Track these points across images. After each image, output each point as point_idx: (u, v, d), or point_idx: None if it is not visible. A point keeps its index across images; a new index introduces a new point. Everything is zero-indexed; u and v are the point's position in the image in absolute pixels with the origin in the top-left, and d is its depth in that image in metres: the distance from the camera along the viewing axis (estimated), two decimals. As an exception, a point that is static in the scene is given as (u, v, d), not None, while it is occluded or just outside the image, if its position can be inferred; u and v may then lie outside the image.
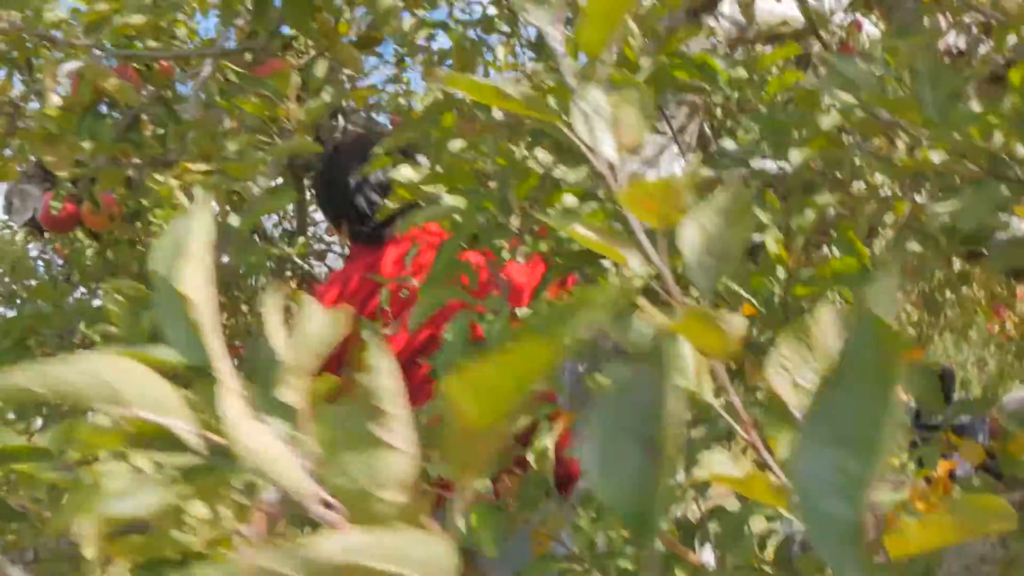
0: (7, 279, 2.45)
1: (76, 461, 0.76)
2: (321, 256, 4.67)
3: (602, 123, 0.72)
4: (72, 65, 1.44)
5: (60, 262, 3.72)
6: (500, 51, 2.97)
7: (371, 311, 2.33)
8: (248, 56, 1.73)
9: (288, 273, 4.41)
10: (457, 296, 1.30)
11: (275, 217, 3.77)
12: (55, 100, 1.34)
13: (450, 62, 3.41)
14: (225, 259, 1.26)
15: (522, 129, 1.24)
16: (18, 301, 2.45)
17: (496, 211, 1.23)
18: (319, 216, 3.11)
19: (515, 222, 1.22)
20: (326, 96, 1.31)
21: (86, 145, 1.56)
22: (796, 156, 1.32)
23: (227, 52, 1.68)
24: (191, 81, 2.02)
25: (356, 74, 2.41)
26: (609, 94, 0.74)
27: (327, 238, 4.15)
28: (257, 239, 3.36)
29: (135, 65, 1.85)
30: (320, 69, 1.47)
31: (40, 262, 3.80)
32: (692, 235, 0.69)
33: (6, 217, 2.82)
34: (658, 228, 0.69)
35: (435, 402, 1.99)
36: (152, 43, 1.89)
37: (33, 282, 2.41)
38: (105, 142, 1.59)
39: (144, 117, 1.86)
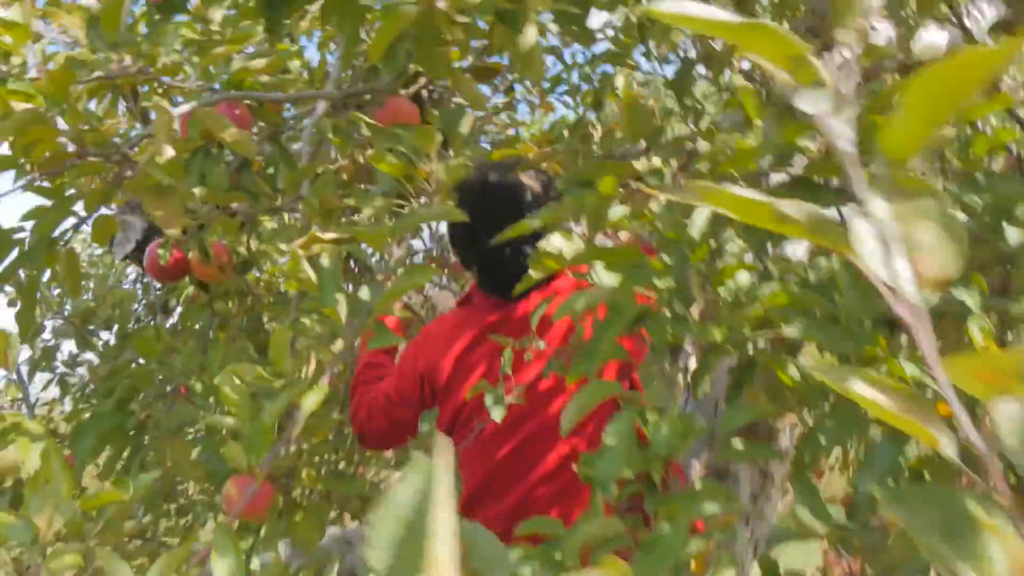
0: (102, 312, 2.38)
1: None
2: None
3: (898, 247, 0.55)
4: (184, 108, 1.32)
5: (159, 287, 3.68)
6: (620, 80, 2.82)
7: (486, 372, 2.19)
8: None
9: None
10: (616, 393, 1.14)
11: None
12: (168, 151, 1.22)
13: (562, 87, 3.27)
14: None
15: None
16: (108, 340, 2.37)
17: (668, 297, 1.06)
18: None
19: (696, 311, 1.05)
20: (466, 153, 1.16)
21: (196, 192, 1.44)
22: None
23: (349, 94, 1.55)
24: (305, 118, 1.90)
25: (477, 110, 2.27)
26: (895, 203, 0.56)
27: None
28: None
29: (247, 102, 1.74)
30: (466, 124, 1.32)
31: (139, 285, 3.77)
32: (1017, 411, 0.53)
33: (112, 253, 2.76)
34: (982, 399, 0.53)
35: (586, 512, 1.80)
36: (264, 78, 1.78)
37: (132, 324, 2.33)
38: (216, 188, 1.47)
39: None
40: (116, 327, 2.22)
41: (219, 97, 1.48)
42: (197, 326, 1.90)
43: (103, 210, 3.02)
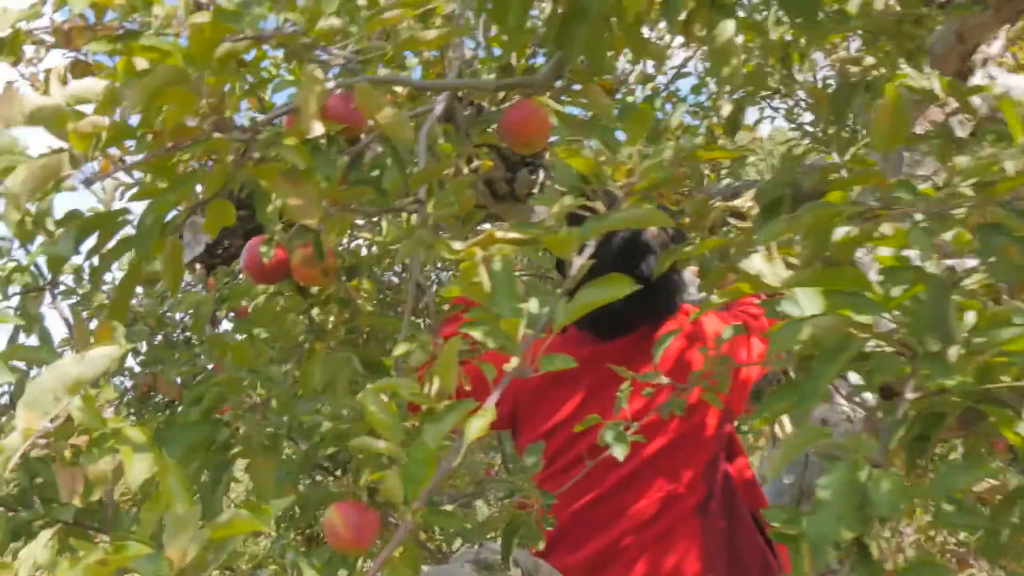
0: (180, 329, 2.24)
1: None
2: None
3: None
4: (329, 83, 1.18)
5: (204, 291, 3.53)
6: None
7: (578, 408, 2.05)
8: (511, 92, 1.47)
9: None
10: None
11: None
12: (317, 128, 1.08)
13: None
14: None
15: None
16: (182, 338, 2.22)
17: (912, 331, 0.91)
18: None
19: (954, 354, 0.89)
20: (668, 151, 1.01)
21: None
22: None
23: (503, 85, 1.41)
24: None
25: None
26: None
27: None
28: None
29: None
30: (677, 115, 1.17)
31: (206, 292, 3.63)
32: None
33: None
34: None
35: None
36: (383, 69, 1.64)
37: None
38: (335, 181, 1.33)
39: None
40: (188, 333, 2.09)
41: (381, 78, 1.34)
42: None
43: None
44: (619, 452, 1.54)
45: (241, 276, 2.57)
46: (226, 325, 3.11)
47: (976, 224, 0.92)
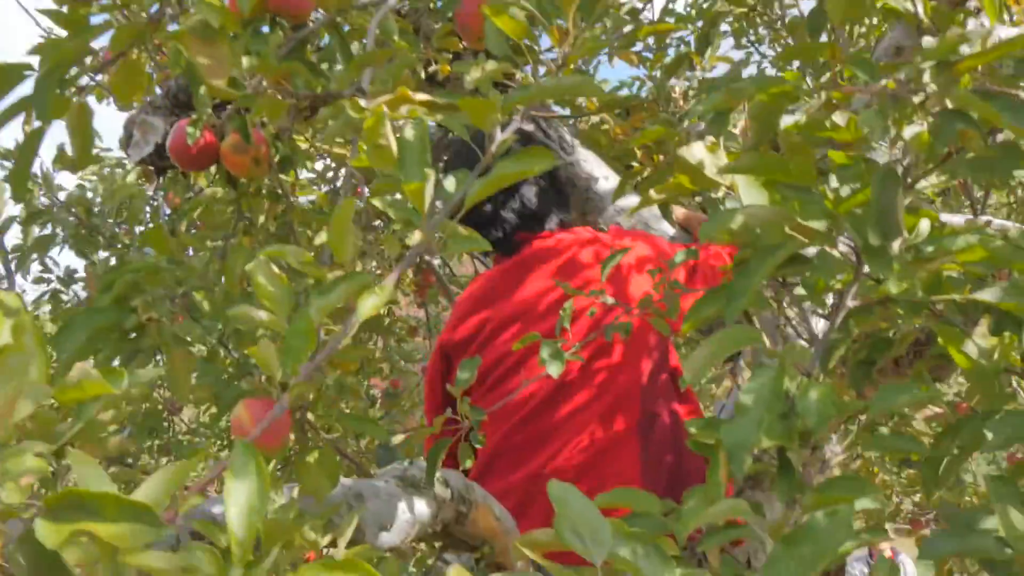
0: (112, 220, 2.12)
1: None
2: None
3: None
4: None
5: (168, 212, 3.41)
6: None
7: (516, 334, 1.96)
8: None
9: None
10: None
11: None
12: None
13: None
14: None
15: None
16: (129, 250, 2.12)
17: (856, 226, 0.82)
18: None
19: (895, 250, 0.80)
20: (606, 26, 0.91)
21: (245, 62, 1.20)
22: None
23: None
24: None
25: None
26: None
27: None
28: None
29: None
30: None
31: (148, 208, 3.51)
32: None
33: (123, 154, 2.52)
34: None
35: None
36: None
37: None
38: (269, 59, 1.23)
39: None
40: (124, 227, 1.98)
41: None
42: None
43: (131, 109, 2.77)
44: (554, 370, 1.46)
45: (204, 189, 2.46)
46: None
47: (936, 109, 0.83)
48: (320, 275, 0.87)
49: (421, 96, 0.89)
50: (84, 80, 1.21)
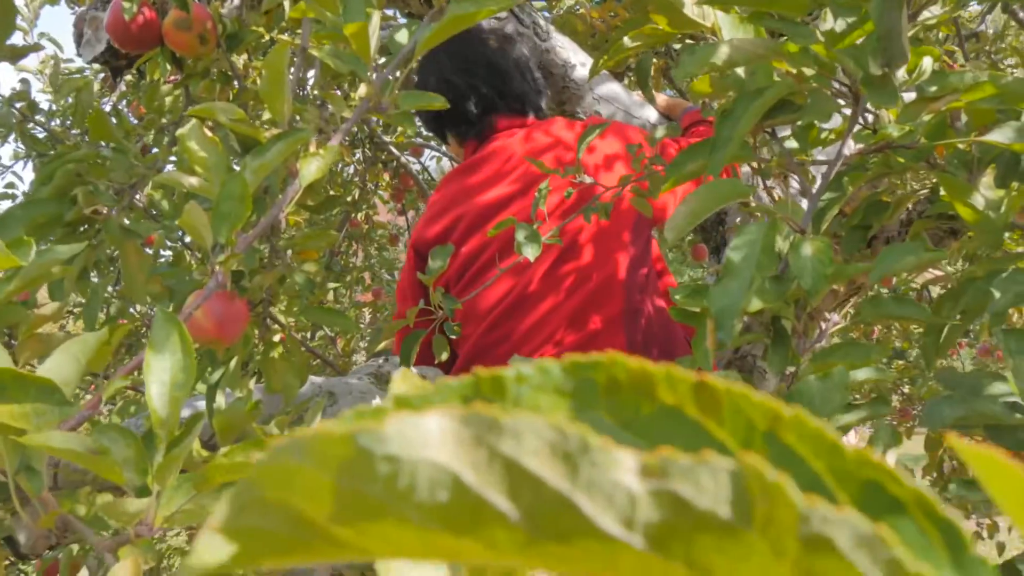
0: (68, 122, 1.99)
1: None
2: (417, 152, 4.20)
3: None
4: None
5: (135, 121, 3.28)
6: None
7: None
8: None
9: (381, 164, 3.96)
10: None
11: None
12: None
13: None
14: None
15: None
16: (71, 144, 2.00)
17: (855, 57, 0.72)
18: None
19: (902, 78, 0.71)
20: None
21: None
22: None
23: None
24: None
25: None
26: None
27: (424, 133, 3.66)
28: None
29: None
30: None
31: (113, 120, 3.37)
32: None
33: (78, 55, 2.39)
34: None
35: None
36: None
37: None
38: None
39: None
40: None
41: None
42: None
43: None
44: (531, 252, 1.37)
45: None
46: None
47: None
48: (255, 133, 0.77)
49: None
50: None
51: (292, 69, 1.25)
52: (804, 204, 0.88)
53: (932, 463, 2.90)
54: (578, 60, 2.36)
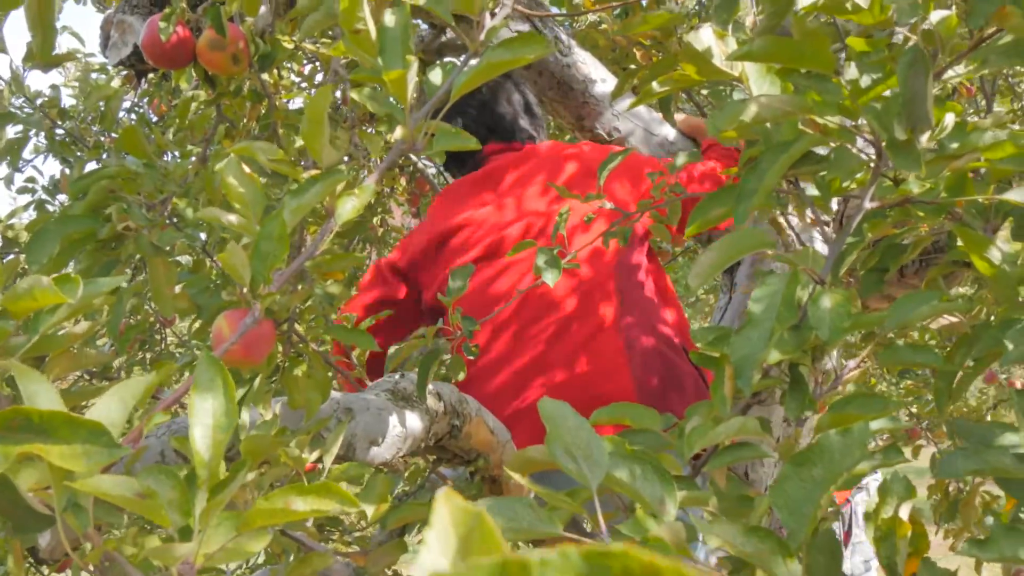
0: (94, 127, 2.03)
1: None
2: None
3: None
4: None
5: (155, 118, 3.30)
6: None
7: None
8: None
9: (398, 169, 3.99)
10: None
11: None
12: None
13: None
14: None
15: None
16: (104, 156, 2.02)
17: (879, 119, 0.74)
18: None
19: (926, 142, 0.73)
20: None
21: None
22: None
23: None
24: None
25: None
26: None
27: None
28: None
29: None
30: None
31: (132, 116, 3.39)
32: None
33: (104, 57, 2.41)
34: None
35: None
36: None
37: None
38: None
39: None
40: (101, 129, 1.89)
41: None
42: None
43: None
44: (551, 278, 1.40)
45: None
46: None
47: (968, -14, 0.75)
48: (294, 174, 0.79)
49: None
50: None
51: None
52: (824, 251, 0.90)
53: (939, 484, 2.91)
54: (599, 76, 2.38)
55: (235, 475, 0.58)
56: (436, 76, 0.86)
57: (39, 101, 1.87)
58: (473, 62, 0.84)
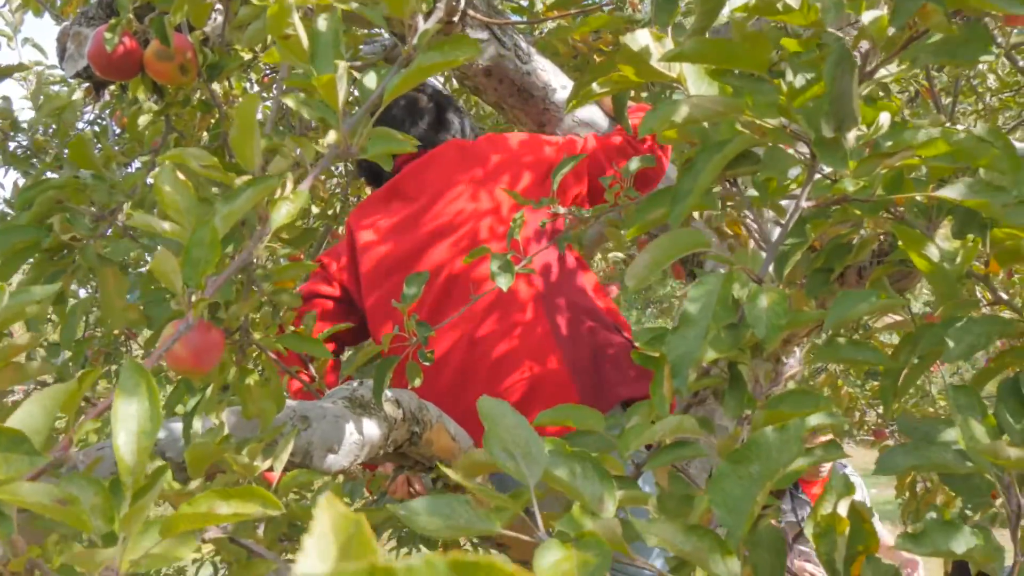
0: (44, 132, 2.00)
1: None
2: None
3: None
4: None
5: (117, 131, 3.28)
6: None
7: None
8: None
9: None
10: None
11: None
12: None
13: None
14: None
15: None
16: (58, 170, 2.01)
17: (808, 117, 0.75)
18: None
19: (851, 142, 0.74)
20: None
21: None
22: None
23: None
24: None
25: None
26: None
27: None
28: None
29: None
30: None
31: (95, 128, 3.37)
32: None
33: (61, 69, 2.40)
34: None
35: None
36: None
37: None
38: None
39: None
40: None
41: None
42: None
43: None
44: (504, 283, 1.40)
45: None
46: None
47: (893, -15, 0.76)
48: (227, 180, 0.79)
49: (333, -19, 0.81)
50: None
51: (271, 100, 1.27)
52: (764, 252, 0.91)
53: (902, 485, 2.94)
54: (559, 83, 2.39)
55: (156, 479, 0.58)
56: (371, 80, 0.86)
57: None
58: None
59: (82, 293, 3.35)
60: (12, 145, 1.87)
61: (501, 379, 1.81)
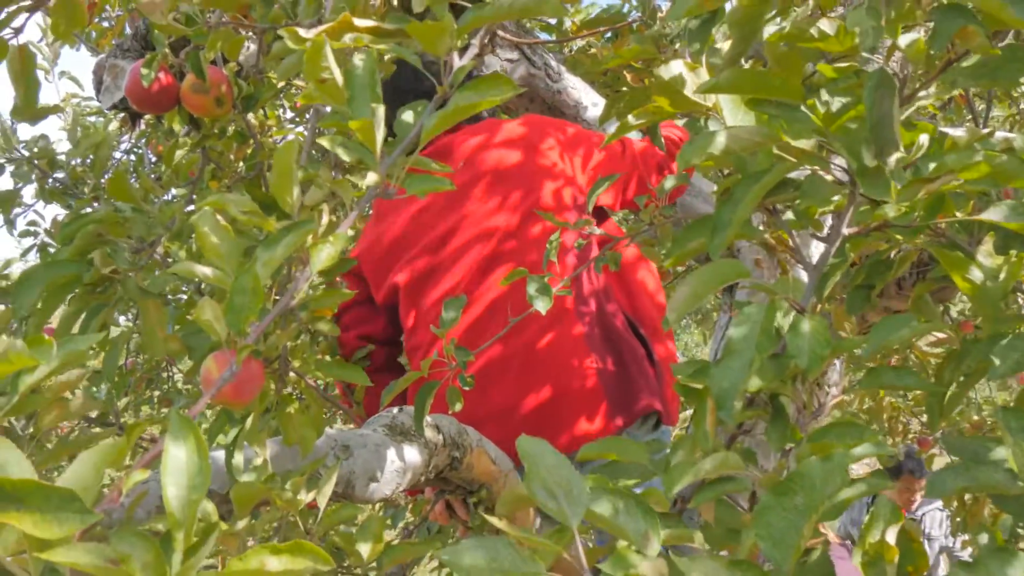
0: (82, 162, 2.03)
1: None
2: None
3: None
4: None
5: (153, 159, 3.31)
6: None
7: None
8: None
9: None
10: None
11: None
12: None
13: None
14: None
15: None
16: (95, 205, 2.03)
17: (849, 142, 0.74)
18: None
19: (892, 168, 0.73)
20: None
21: (194, -7, 1.12)
22: None
23: None
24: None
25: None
26: None
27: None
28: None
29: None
30: None
31: (131, 157, 3.41)
32: None
33: (98, 101, 2.43)
34: None
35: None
36: None
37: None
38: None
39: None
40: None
41: None
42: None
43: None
44: (542, 306, 1.40)
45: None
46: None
47: (934, 5, 0.75)
48: (267, 225, 0.80)
49: (364, 22, 0.81)
50: (21, 20, 1.13)
51: (304, 127, 1.28)
52: (804, 277, 0.90)
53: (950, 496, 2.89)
54: (590, 100, 2.39)
55: (207, 536, 0.58)
56: (408, 116, 0.87)
57: (35, 148, 1.89)
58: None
59: (121, 320, 3.38)
60: (50, 180, 1.90)
61: (531, 379, 1.80)
